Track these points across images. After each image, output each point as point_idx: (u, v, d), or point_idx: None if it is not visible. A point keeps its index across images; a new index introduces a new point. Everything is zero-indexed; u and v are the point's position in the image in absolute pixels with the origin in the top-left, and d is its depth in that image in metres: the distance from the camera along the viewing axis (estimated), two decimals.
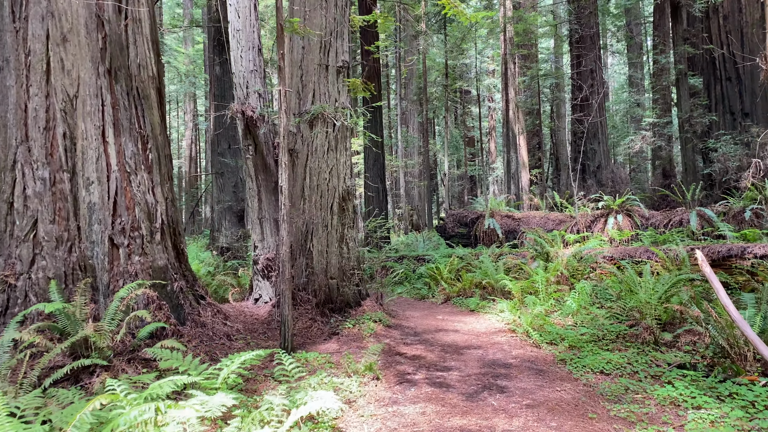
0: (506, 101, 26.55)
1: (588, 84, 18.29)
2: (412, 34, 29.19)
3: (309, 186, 8.86)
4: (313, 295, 8.67)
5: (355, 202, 9.29)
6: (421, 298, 11.62)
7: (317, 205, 8.84)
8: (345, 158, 9.13)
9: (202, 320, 7.41)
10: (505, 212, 15.65)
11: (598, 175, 19.40)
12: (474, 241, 15.35)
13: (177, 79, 39.21)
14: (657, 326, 7.64)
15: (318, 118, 8.77)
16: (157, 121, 7.48)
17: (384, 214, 22.30)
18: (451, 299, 11.05)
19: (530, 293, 9.97)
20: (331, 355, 7.24)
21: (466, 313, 10.02)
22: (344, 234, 9.09)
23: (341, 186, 9.02)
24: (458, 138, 38.14)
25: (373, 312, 9.04)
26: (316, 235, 8.83)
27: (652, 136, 24.28)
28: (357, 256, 9.40)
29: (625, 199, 13.83)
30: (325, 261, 8.85)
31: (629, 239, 12.61)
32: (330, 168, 8.91)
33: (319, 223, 8.84)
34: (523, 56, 29.84)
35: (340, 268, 8.99)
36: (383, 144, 22.18)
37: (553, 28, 30.37)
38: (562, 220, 14.54)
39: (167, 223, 7.38)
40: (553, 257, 11.17)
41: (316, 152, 8.85)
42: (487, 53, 36.97)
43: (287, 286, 7.19)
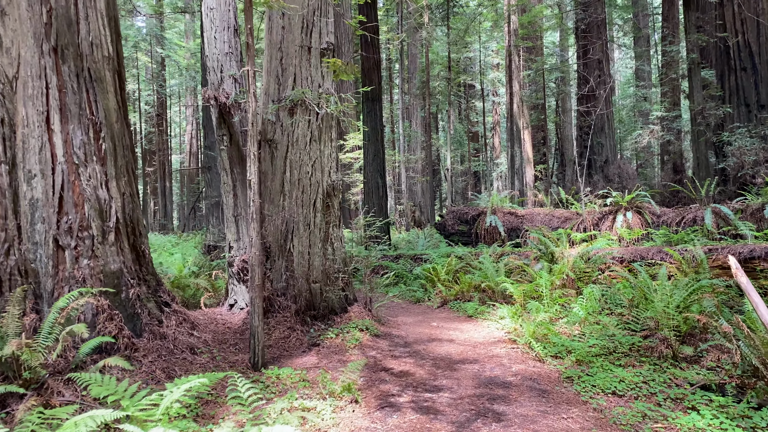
0: (510, 94, 25.55)
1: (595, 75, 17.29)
2: (415, 26, 28.20)
3: (289, 180, 7.94)
4: (292, 301, 7.77)
5: (340, 198, 8.37)
6: (417, 301, 10.70)
7: (298, 202, 7.93)
8: (330, 150, 8.21)
9: (162, 331, 6.50)
10: (508, 209, 14.70)
11: (606, 170, 18.41)
12: (475, 240, 14.41)
13: (178, 73, 38.36)
14: (675, 338, 6.70)
15: (299, 105, 7.85)
16: (114, 107, 6.57)
17: (384, 211, 21.37)
18: (448, 303, 10.12)
19: (533, 298, 9.04)
20: (307, 371, 6.33)
21: (464, 320, 9.10)
22: (329, 233, 8.17)
23: (326, 180, 8.10)
24: (462, 133, 37.15)
25: (360, 319, 8.13)
26: (297, 234, 7.92)
27: (661, 131, 23.24)
28: (343, 257, 8.49)
29: (634, 195, 12.86)
30: (306, 263, 7.94)
31: (640, 238, 11.65)
32: (313, 161, 7.99)
33: (300, 222, 7.92)
34: (527, 49, 28.81)
35: (324, 271, 8.07)
36: (383, 138, 21.25)
37: (558, 20, 29.33)
38: (567, 217, 13.58)
39: (124, 221, 6.48)
40: (558, 258, 10.23)
41: (297, 143, 7.94)
42: (492, 47, 35.93)
43: (257, 293, 6.28)
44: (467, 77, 33.93)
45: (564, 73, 32.17)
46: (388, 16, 32.50)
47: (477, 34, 31.82)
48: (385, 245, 17.76)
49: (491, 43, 35.65)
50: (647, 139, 23.31)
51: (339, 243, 8.39)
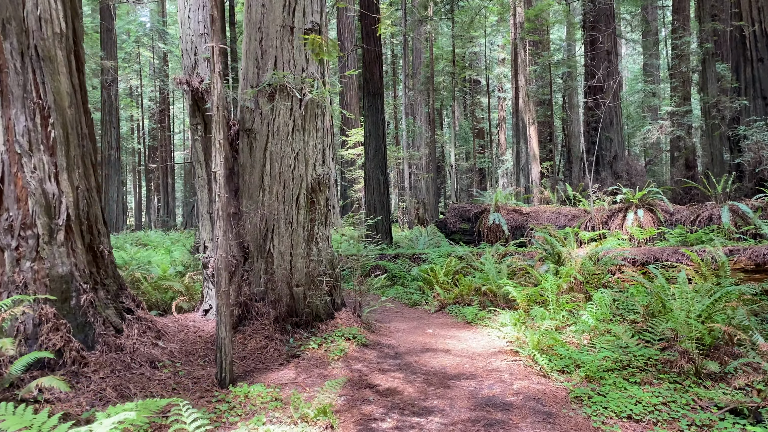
0: (516, 89, 24.66)
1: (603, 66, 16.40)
2: (419, 19, 27.33)
3: (269, 174, 7.14)
4: (272, 307, 6.97)
5: (328, 193, 7.57)
6: (413, 304, 9.88)
7: (279, 198, 7.13)
8: (315, 141, 7.40)
9: (120, 342, 5.72)
10: (512, 206, 13.86)
11: (614, 166, 17.53)
12: (477, 238, 13.59)
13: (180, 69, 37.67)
14: (698, 352, 5.87)
15: (279, 91, 7.04)
16: (67, 90, 5.78)
17: (386, 207, 20.54)
18: (446, 307, 9.31)
19: (538, 303, 8.22)
20: (281, 389, 5.54)
21: (462, 326, 8.28)
22: (314, 232, 7.37)
23: (310, 174, 7.30)
24: (467, 129, 36.27)
25: (347, 327, 7.32)
26: (277, 233, 7.12)
27: (671, 126, 22.32)
28: (330, 258, 7.68)
29: (646, 191, 12.00)
30: (288, 265, 7.14)
31: (653, 238, 10.80)
32: (296, 152, 7.18)
33: (281, 219, 7.12)
34: (534, 43, 27.90)
35: (308, 274, 7.27)
36: (385, 134, 20.42)
37: (565, 13, 28.41)
38: (575, 215, 12.74)
39: (77, 218, 5.70)
40: (565, 259, 9.40)
41: (278, 133, 7.13)
42: (497, 41, 35.01)
43: (224, 300, 5.49)
44: (472, 72, 33.06)
45: (571, 68, 31.25)
46: (392, 10, 31.66)
47: (482, 29, 30.90)
48: (385, 243, 16.96)
49: (497, 38, 34.73)
50: (657, 134, 22.39)
51: (325, 243, 7.58)
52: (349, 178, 28.21)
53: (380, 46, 20.99)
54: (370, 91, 20.62)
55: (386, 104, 32.68)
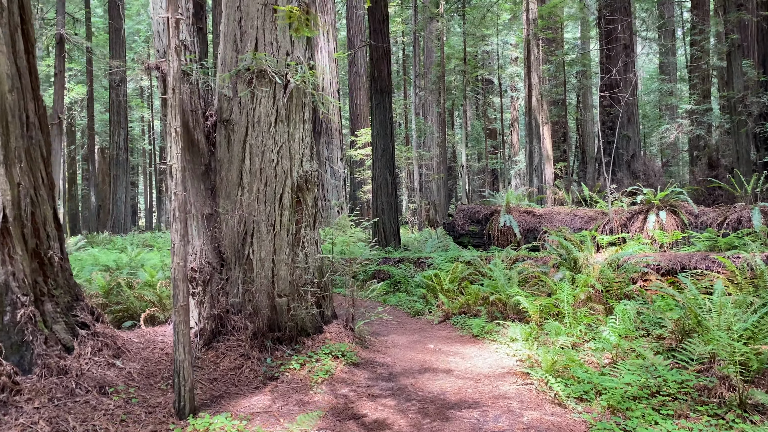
0: (529, 87, 23.67)
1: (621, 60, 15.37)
2: (429, 16, 26.41)
3: (249, 170, 6.27)
4: (250, 321, 6.09)
5: (317, 192, 6.68)
6: (415, 314, 8.96)
7: (260, 197, 6.25)
8: (302, 133, 6.52)
9: (65, 364, 4.86)
10: (525, 207, 12.91)
11: (632, 165, 16.50)
12: (487, 241, 12.65)
13: None
14: (741, 378, 4.91)
15: (259, 77, 6.17)
16: (7, 72, 4.93)
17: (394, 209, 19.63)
18: (450, 318, 8.38)
19: (552, 315, 7.28)
20: (251, 420, 4.66)
21: (468, 340, 7.35)
22: (300, 236, 6.49)
23: (296, 171, 6.42)
24: (479, 130, 35.27)
25: (337, 342, 6.43)
26: (257, 237, 6.24)
27: (690, 125, 21.24)
28: (319, 265, 6.79)
29: (668, 192, 11.01)
30: (269, 273, 6.26)
31: (677, 243, 9.82)
32: (279, 146, 6.30)
33: (262, 221, 6.25)
34: (547, 41, 26.89)
35: (293, 283, 6.39)
36: (393, 133, 19.53)
37: (580, 10, 27.36)
38: (591, 217, 11.76)
39: (18, 220, 4.85)
40: (582, 265, 8.45)
41: (259, 124, 6.26)
42: (510, 40, 33.99)
43: (182, 317, 4.62)
44: (484, 71, 32.08)
45: (585, 66, 30.21)
46: (403, 8, 30.77)
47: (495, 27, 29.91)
48: (391, 246, 16.08)
49: (510, 36, 33.73)
50: (675, 134, 21.32)
51: (314, 247, 6.69)
52: (359, 179, 27.36)
53: (388, 42, 20.08)
54: (378, 88, 19.74)
55: (396, 104, 31.80)
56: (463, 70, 26.62)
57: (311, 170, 6.54)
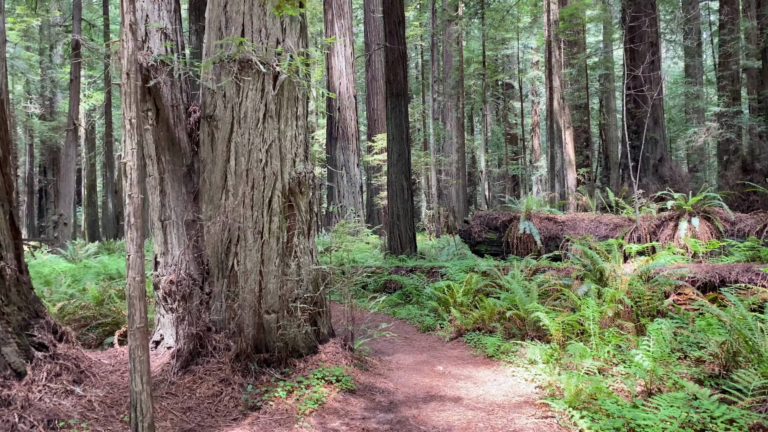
0: (550, 90, 22.80)
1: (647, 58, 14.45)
2: (447, 19, 25.64)
3: (234, 171, 5.55)
4: (233, 340, 5.36)
5: (312, 196, 5.94)
6: (425, 329, 8.16)
7: (247, 201, 5.53)
8: (295, 131, 5.79)
9: (8, 394, 4.17)
10: (546, 214, 12.05)
11: (660, 169, 15.54)
12: (505, 250, 11.81)
13: None
14: None
15: (245, 67, 5.45)
16: None
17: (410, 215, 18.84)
18: (463, 334, 7.57)
19: (576, 334, 6.45)
20: None
21: (481, 361, 6.54)
22: (292, 244, 5.75)
23: (287, 172, 5.69)
24: (500, 135, 34.39)
25: (333, 364, 5.67)
26: (243, 246, 5.52)
27: (719, 128, 20.19)
28: (315, 276, 6.04)
29: (701, 197, 10.10)
30: (256, 286, 5.53)
31: (714, 252, 8.91)
32: (268, 144, 5.58)
33: (248, 229, 5.52)
34: (569, 43, 25.97)
35: (283, 297, 5.65)
36: (409, 137, 18.78)
37: (602, 11, 26.41)
38: (618, 224, 10.88)
39: None
40: (608, 277, 7.60)
41: (246, 120, 5.54)
42: (531, 43, 33.08)
43: (138, 341, 3.89)
44: (504, 75, 31.21)
45: (608, 70, 29.23)
46: (421, 12, 30.06)
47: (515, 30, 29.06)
48: (405, 254, 15.31)
49: (530, 40, 32.84)
50: (704, 137, 20.29)
51: (308, 257, 5.94)
52: (376, 185, 26.62)
53: (404, 44, 19.35)
54: (394, 92, 19.02)
55: (416, 109, 31.05)
56: (482, 73, 25.77)
57: (305, 172, 5.81)
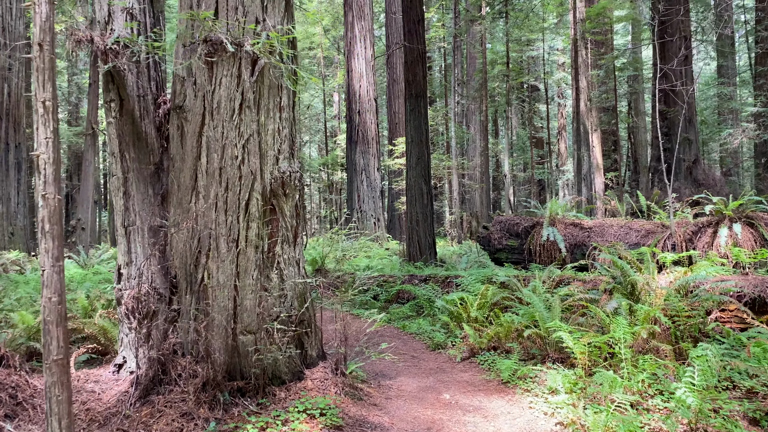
0: (576, 91, 21.77)
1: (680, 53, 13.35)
2: (470, 19, 24.74)
3: (205, 170, 4.76)
4: (201, 366, 4.56)
5: (298, 199, 5.13)
6: (435, 347, 7.26)
7: (219, 204, 4.74)
8: (277, 124, 4.99)
9: None
10: (571, 219, 11.08)
11: (694, 172, 14.43)
12: (528, 257, 10.87)
13: None
14: None
15: (218, 49, 4.67)
16: None
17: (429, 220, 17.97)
18: (477, 354, 6.66)
19: (604, 358, 5.53)
20: None
21: (494, 388, 5.65)
22: (274, 254, 4.94)
23: (269, 171, 4.89)
24: (525, 138, 33.29)
25: (320, 394, 4.84)
26: (214, 256, 4.72)
27: (756, 129, 18.97)
28: (301, 291, 5.21)
29: (743, 201, 9.07)
30: (230, 302, 4.73)
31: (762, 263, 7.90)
32: (245, 139, 4.78)
33: (221, 236, 4.72)
34: (596, 43, 24.87)
35: (262, 315, 4.83)
36: (428, 139, 17.93)
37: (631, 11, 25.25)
38: (649, 230, 9.88)
39: None
40: (641, 291, 6.65)
41: (219, 111, 4.76)
42: (557, 45, 31.98)
43: (56, 376, 3.11)
44: (530, 77, 30.15)
45: (637, 71, 28.05)
46: (443, 13, 29.20)
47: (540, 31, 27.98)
48: (422, 261, 14.44)
49: (556, 41, 31.73)
50: (739, 138, 19.08)
51: (293, 269, 5.12)
52: (396, 190, 25.77)
53: (424, 44, 18.50)
54: (413, 92, 18.19)
55: (437, 112, 30.16)
56: (506, 74, 24.78)
57: (290, 171, 4.99)
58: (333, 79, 34.60)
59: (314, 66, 34.62)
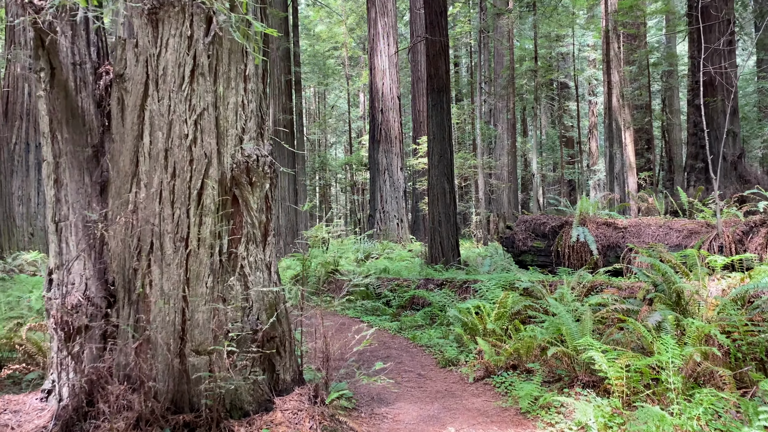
0: (609, 85, 20.46)
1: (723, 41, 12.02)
2: (497, 12, 23.57)
3: (148, 152, 3.81)
4: (138, 395, 3.59)
5: (266, 190, 4.14)
6: (446, 363, 6.18)
7: (165, 194, 3.78)
8: (241, 96, 4.01)
9: None
10: (604, 218, 9.91)
11: (740, 167, 13.09)
12: (555, 260, 9.73)
13: None
14: None
15: (165, 4, 3.71)
16: None
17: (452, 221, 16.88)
18: (492, 374, 5.59)
19: (646, 384, 4.42)
20: None
21: (510, 419, 4.57)
22: (235, 257, 3.96)
23: (229, 154, 3.92)
24: (554, 138, 31.93)
25: (291, 429, 3.84)
26: (157, 258, 3.76)
27: None
28: (272, 302, 4.22)
29: None
30: (177, 316, 3.76)
31: None
32: (197, 113, 3.82)
33: (166, 234, 3.76)
34: (629, 37, 23.50)
35: (219, 332, 3.85)
36: (451, 136, 16.85)
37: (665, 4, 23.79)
38: (692, 230, 8.68)
39: None
40: (689, 301, 5.52)
41: (165, 79, 3.80)
42: (588, 41, 30.57)
43: None
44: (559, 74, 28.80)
45: (672, 66, 26.52)
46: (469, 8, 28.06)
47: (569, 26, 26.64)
48: (441, 263, 13.39)
49: (587, 38, 30.33)
50: None
51: (262, 275, 4.13)
52: (420, 190, 24.71)
53: (447, 36, 17.42)
54: (435, 87, 17.12)
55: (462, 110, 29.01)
56: (534, 69, 23.53)
57: (259, 155, 4.01)
58: (358, 79, 33.70)
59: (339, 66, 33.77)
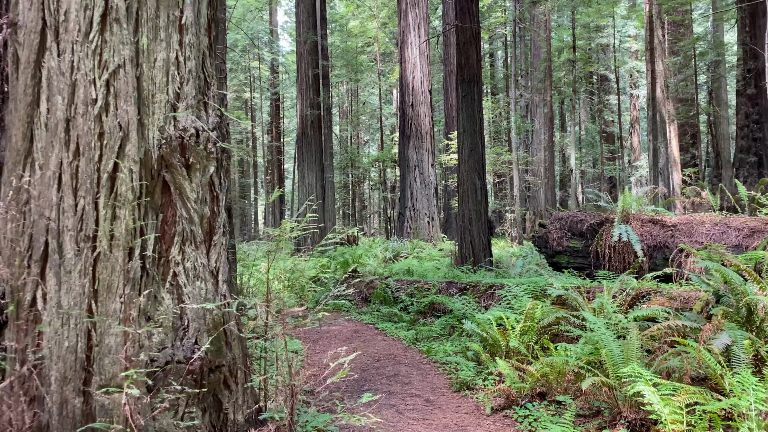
0: (652, 74, 18.99)
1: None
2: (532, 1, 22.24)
3: (45, 123, 2.85)
4: None
5: (210, 174, 3.15)
6: (460, 386, 5.08)
7: (65, 179, 2.81)
8: (175, 52, 3.02)
9: None
10: (649, 215, 8.65)
11: None
12: (594, 263, 8.52)
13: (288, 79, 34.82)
14: None
15: None
16: None
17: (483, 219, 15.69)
18: (514, 404, 4.48)
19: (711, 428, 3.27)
20: None
21: None
22: (166, 261, 2.97)
23: (156, 127, 2.93)
24: (594, 133, 30.34)
25: None
26: (54, 263, 2.80)
27: None
28: (217, 320, 3.20)
29: None
30: (80, 341, 2.79)
31: None
32: (109, 72, 2.84)
33: (66, 230, 2.79)
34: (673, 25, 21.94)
35: (137, 360, 2.86)
36: (482, 129, 15.64)
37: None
38: (755, 228, 7.38)
39: None
40: (764, 318, 4.33)
41: (67, 27, 2.83)
42: (629, 31, 28.88)
43: None
44: (599, 66, 27.23)
45: (720, 56, 24.74)
46: None
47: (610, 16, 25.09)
48: (470, 263, 12.28)
49: (628, 28, 28.66)
50: None
51: (205, 285, 3.13)
52: (452, 187, 23.55)
53: (478, 23, 16.21)
54: (465, 77, 15.94)
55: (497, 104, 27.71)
56: (572, 60, 22.12)
57: (199, 128, 3.01)
58: (391, 75, 32.67)
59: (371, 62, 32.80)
